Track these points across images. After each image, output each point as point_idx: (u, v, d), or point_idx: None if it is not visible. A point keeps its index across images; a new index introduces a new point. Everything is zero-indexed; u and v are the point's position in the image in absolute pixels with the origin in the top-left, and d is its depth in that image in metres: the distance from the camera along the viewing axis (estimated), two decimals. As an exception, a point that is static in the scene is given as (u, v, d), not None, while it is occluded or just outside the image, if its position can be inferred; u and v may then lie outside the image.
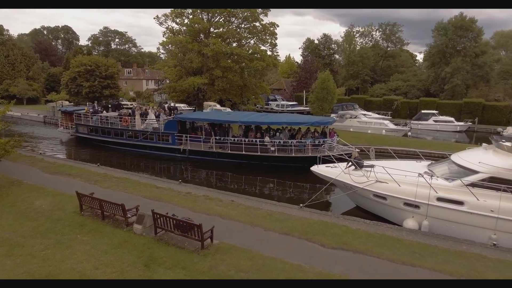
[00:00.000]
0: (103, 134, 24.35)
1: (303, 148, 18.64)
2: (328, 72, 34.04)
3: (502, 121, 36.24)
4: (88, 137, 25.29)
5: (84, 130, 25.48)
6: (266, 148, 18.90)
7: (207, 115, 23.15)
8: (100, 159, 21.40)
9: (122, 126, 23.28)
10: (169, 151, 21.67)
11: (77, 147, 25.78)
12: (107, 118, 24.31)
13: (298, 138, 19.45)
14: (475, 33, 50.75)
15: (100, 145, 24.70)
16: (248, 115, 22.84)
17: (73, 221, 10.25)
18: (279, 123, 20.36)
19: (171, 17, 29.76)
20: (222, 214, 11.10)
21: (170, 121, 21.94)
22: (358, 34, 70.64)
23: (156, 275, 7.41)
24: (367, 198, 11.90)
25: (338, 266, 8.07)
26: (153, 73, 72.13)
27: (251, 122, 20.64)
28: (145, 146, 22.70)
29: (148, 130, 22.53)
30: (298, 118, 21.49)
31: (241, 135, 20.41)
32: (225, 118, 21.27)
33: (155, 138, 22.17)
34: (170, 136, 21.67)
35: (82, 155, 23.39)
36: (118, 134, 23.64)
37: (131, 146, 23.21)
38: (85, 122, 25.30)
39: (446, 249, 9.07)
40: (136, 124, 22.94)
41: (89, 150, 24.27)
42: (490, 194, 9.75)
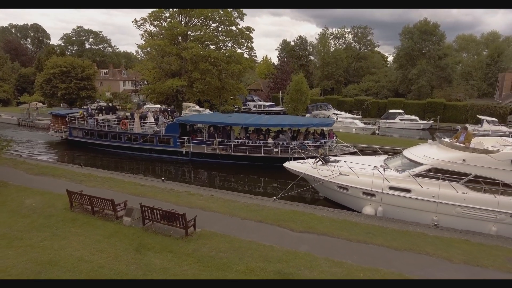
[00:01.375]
0: (99, 138, 24.13)
1: (305, 148, 18.91)
2: (302, 75, 35.86)
3: (461, 119, 39.44)
4: (83, 141, 24.96)
5: (78, 133, 25.11)
6: (269, 149, 19.61)
7: (210, 118, 23.37)
8: (96, 162, 21.69)
9: (121, 129, 23.20)
10: (170, 153, 21.89)
11: (70, 151, 25.31)
12: (103, 121, 24.11)
13: (300, 139, 20.31)
14: (438, 37, 54.48)
15: (97, 148, 24.42)
16: (249, 117, 23.12)
17: (65, 217, 11.08)
18: (282, 125, 21.02)
19: (149, 20, 30.40)
20: (203, 207, 12.28)
21: (172, 124, 22.20)
22: (332, 36, 73.37)
23: (147, 257, 8.52)
24: (332, 189, 13.49)
25: (304, 245, 9.49)
26: (130, 74, 71.55)
27: (254, 125, 21.13)
28: (145, 149, 22.73)
29: (148, 133, 22.59)
30: (300, 120, 22.28)
31: (243, 137, 21.00)
32: (228, 120, 21.76)
33: (156, 140, 22.29)
34: (171, 139, 21.83)
35: (76, 159, 23.19)
36: (116, 137, 23.50)
37: (130, 149, 23.16)
38: (80, 126, 24.95)
39: (395, 230, 10.74)
40: (135, 127, 22.90)
41: (83, 154, 24.09)
42: (431, 183, 11.55)
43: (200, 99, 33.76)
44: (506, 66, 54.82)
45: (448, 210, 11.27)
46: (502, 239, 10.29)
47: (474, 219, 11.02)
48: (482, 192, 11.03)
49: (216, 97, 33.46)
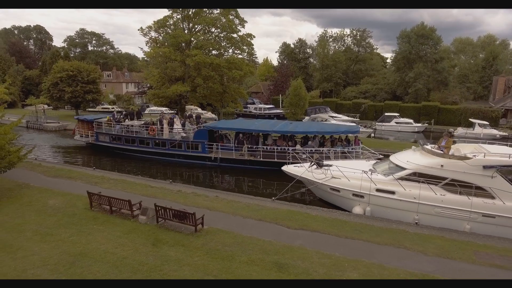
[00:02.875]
0: (127, 143, 24.70)
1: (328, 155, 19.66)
2: (300, 81, 37.22)
3: (455, 122, 40.77)
4: (110, 146, 25.49)
5: (105, 138, 25.63)
6: (299, 155, 19.73)
7: (237, 125, 23.75)
8: (123, 167, 22.71)
9: (148, 134, 23.79)
10: (198, 159, 22.53)
11: (96, 155, 25.84)
12: (130, 127, 24.70)
13: (327, 145, 20.93)
14: (434, 41, 55.79)
15: (123, 153, 25.03)
16: (275, 124, 23.58)
17: (86, 216, 12.47)
18: (310, 132, 21.57)
19: (154, 28, 31.75)
20: (209, 206, 13.65)
21: (200, 130, 22.78)
22: (331, 39, 74.74)
23: (163, 250, 9.90)
24: (325, 191, 14.86)
25: (298, 240, 10.86)
26: (133, 76, 72.99)
27: (283, 132, 21.62)
28: (173, 155, 23.30)
29: (176, 139, 23.18)
30: (327, 128, 22.94)
31: (272, 143, 21.74)
32: (256, 127, 22.20)
33: (184, 146, 22.91)
34: (200, 145, 22.50)
35: (104, 163, 23.78)
36: (143, 142, 24.07)
37: (158, 154, 23.71)
38: (107, 131, 25.55)
39: (380, 227, 12.11)
40: (164, 133, 23.56)
41: (110, 159, 24.76)
42: (413, 185, 12.90)
43: (203, 103, 35.14)
44: (501, 70, 56.10)
45: (427, 210, 12.62)
46: (474, 236, 11.65)
47: (450, 218, 12.37)
48: (457, 194, 12.38)
49: (218, 101, 34.80)
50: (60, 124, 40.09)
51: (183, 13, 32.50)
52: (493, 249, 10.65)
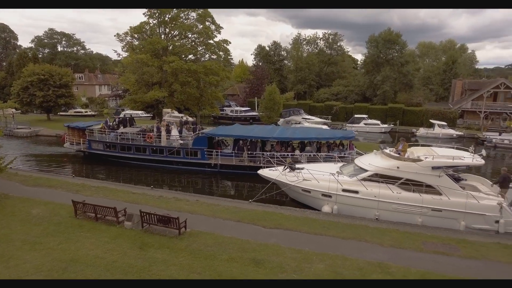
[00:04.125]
0: (122, 151, 24.52)
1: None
2: (275, 85, 38.70)
3: (418, 123, 43.85)
4: (105, 154, 25.21)
5: (99, 146, 25.31)
6: (298, 160, 20.46)
7: (237, 131, 23.95)
8: (119, 174, 22.75)
9: (145, 142, 23.74)
10: (198, 165, 22.75)
11: (89, 164, 25.44)
12: (125, 134, 24.57)
13: (324, 150, 21.96)
14: (400, 45, 59.22)
15: (118, 161, 24.86)
16: (274, 130, 24.05)
17: (72, 224, 13.05)
18: (308, 139, 22.47)
19: (130, 34, 31.96)
20: (190, 210, 14.61)
21: (200, 137, 23.13)
22: (305, 41, 77.07)
23: (150, 253, 10.79)
24: (298, 192, 16.25)
25: (273, 238, 12.10)
26: (106, 78, 71.62)
27: (282, 138, 22.28)
28: (171, 162, 23.40)
29: (175, 146, 23.26)
30: (325, 134, 23.91)
31: (270, 149, 22.51)
32: (255, 134, 22.76)
33: (183, 153, 23.08)
34: (199, 151, 22.76)
35: (98, 172, 23.66)
36: (140, 150, 23.98)
37: (155, 161, 23.73)
38: (100, 138, 25.20)
39: (345, 223, 13.61)
40: (162, 140, 23.59)
41: (106, 167, 24.55)
42: (374, 185, 14.54)
43: (180, 107, 35.76)
44: (459, 73, 60.55)
45: (386, 206, 14.29)
46: (424, 228, 13.42)
47: (405, 213, 14.10)
48: (411, 191, 14.14)
49: (195, 105, 35.53)
50: (31, 129, 39.07)
51: (159, 18, 32.97)
52: (438, 238, 12.42)
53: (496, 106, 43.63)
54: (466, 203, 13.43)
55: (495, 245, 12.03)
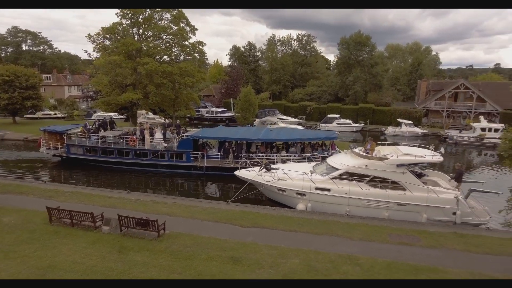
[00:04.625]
0: (103, 155, 23.96)
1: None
2: (250, 87, 39.26)
3: (387, 121, 46.02)
4: (85, 158, 24.55)
5: (78, 150, 24.67)
6: (283, 161, 21.22)
7: (222, 134, 24.06)
8: (100, 179, 22.22)
9: (128, 145, 23.30)
10: (183, 168, 22.60)
11: (68, 169, 24.69)
12: (106, 138, 23.95)
13: (308, 151, 22.44)
14: (370, 47, 61.72)
15: (100, 165, 24.23)
16: (259, 132, 24.44)
17: (47, 230, 12.88)
18: (293, 139, 23.02)
19: (102, 34, 31.25)
20: (168, 212, 14.81)
21: (185, 139, 23.01)
22: (279, 42, 78.26)
23: (129, 256, 10.95)
24: (273, 191, 16.86)
25: (250, 237, 12.60)
26: (76, 78, 69.10)
27: (267, 140, 22.71)
28: (155, 165, 23.12)
29: (158, 149, 22.97)
30: (308, 134, 24.47)
31: (255, 150, 22.76)
32: (241, 136, 23.00)
33: (168, 156, 22.86)
34: (184, 154, 22.66)
35: (77, 177, 23.00)
36: (123, 153, 23.54)
37: (139, 165, 23.35)
38: (80, 142, 24.49)
39: (319, 220, 14.37)
40: (146, 143, 23.30)
41: (86, 171, 23.85)
42: (345, 183, 15.41)
43: (155, 109, 35.41)
44: (424, 74, 63.99)
45: (356, 202, 15.21)
46: (390, 221, 14.45)
47: (373, 208, 15.08)
48: (378, 188, 15.15)
49: (171, 106, 35.33)
50: (-4, 134, 37.17)
51: (132, 19, 32.47)
52: (403, 230, 13.47)
53: (457, 105, 46.69)
54: (427, 197, 14.60)
55: (452, 235, 13.22)
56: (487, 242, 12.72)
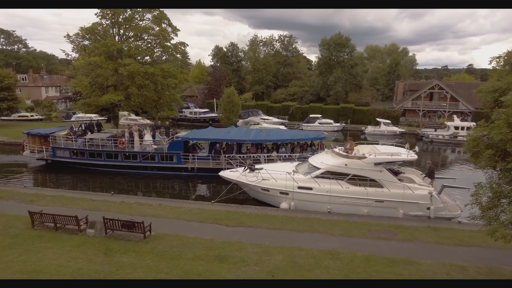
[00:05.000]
0: (91, 157, 23.64)
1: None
2: (233, 88, 39.55)
3: (366, 121, 47.42)
4: (71, 161, 24.18)
5: (65, 153, 24.18)
6: (273, 161, 21.19)
7: (213, 135, 24.22)
8: (88, 182, 21.94)
9: (117, 148, 23.08)
10: (174, 170, 22.46)
11: (55, 173, 24.15)
12: (94, 140, 23.69)
13: (297, 151, 22.76)
14: (350, 48, 63.26)
15: (88, 168, 23.91)
16: (249, 133, 24.74)
17: (30, 235, 12.74)
18: (283, 140, 23.39)
19: (81, 35, 30.67)
20: (154, 214, 14.92)
21: (175, 141, 22.90)
22: (261, 43, 78.81)
23: (116, 258, 11.05)
24: (257, 191, 17.27)
25: (235, 236, 12.94)
26: (53, 79, 67.09)
27: (258, 141, 23.05)
28: (145, 167, 23.07)
29: (150, 151, 22.83)
30: (298, 135, 24.79)
31: (246, 152, 23.02)
32: (232, 137, 23.23)
33: (158, 158, 22.78)
34: (175, 156, 22.65)
35: (64, 181, 22.56)
36: (112, 156, 23.29)
37: (128, 167, 23.20)
38: (67, 145, 24.06)
39: (301, 218, 14.88)
40: (135, 145, 23.10)
41: (72, 175, 23.41)
42: (326, 181, 16.00)
43: (138, 110, 35.09)
44: (401, 74, 66.21)
45: (337, 200, 15.84)
46: (369, 217, 15.15)
47: (353, 205, 15.75)
48: (358, 186, 15.83)
49: (153, 107, 35.11)
50: (-32, 137, 35.68)
51: (112, 19, 32.05)
52: (381, 226, 14.18)
53: (432, 105, 48.70)
54: (403, 193, 15.41)
55: (426, 229, 14.05)
56: (458, 234, 13.60)
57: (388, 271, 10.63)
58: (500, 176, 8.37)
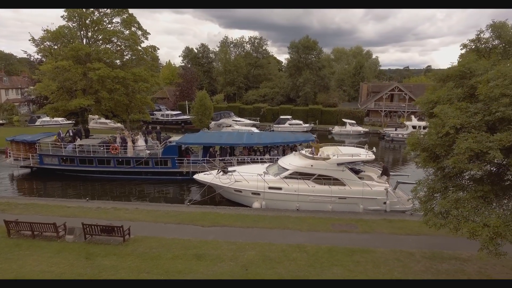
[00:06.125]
0: (82, 164, 23.33)
1: None
2: (205, 92, 40.24)
3: (334, 121, 49.85)
4: (60, 168, 23.80)
5: (53, 160, 23.75)
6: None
7: (206, 139, 24.62)
8: (78, 189, 21.81)
9: (110, 153, 22.95)
10: (168, 174, 22.49)
11: (39, 180, 23.85)
12: (85, 146, 23.43)
13: (288, 153, 23.00)
14: (317, 51, 65.83)
15: (78, 175, 23.59)
16: (240, 136, 25.42)
17: (7, 244, 12.90)
18: (276, 143, 24.17)
19: (47, 38, 29.86)
20: (131, 218, 15.49)
21: (170, 146, 23.10)
22: (232, 44, 79.62)
23: (97, 261, 11.62)
24: (231, 192, 18.30)
25: (211, 235, 13.89)
26: (14, 80, 63.76)
27: (251, 144, 23.78)
28: (139, 172, 23.09)
29: (142, 156, 22.90)
30: (289, 138, 25.47)
31: (239, 155, 23.52)
32: (226, 141, 23.81)
33: (152, 163, 22.86)
34: (169, 160, 22.83)
35: (53, 189, 22.28)
36: (104, 162, 23.15)
37: (121, 173, 23.13)
38: (55, 152, 23.60)
39: (272, 216, 16.10)
40: (129, 151, 23.04)
41: (61, 182, 23.08)
42: (294, 181, 17.35)
43: (108, 114, 34.74)
44: (365, 76, 69.89)
45: (304, 198, 17.24)
46: (333, 213, 16.69)
47: (319, 202, 17.23)
48: (323, 185, 17.33)
49: (124, 111, 34.89)
50: None
51: (79, 21, 31.47)
52: (343, 220, 15.73)
53: (393, 105, 52.19)
54: (363, 190, 17.10)
55: (382, 221, 15.78)
56: (409, 225, 15.43)
57: (348, 259, 12.09)
58: (434, 174, 10.02)
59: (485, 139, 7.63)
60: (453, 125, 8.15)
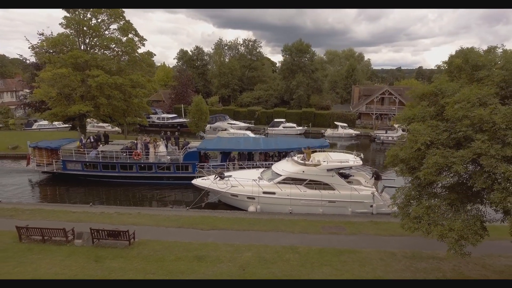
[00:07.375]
0: (105, 169, 24.12)
1: None
2: (201, 97, 41.26)
3: (326, 124, 51.16)
4: (83, 174, 24.58)
5: (77, 166, 24.49)
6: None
7: (225, 145, 25.56)
8: (101, 194, 22.83)
9: (132, 159, 23.81)
10: (190, 179, 22.72)
11: (62, 185, 24.45)
12: (108, 152, 24.17)
13: None
14: (310, 54, 67.13)
15: (101, 180, 24.33)
16: (257, 141, 26.36)
17: (19, 248, 13.82)
18: (292, 149, 24.67)
19: (45, 46, 30.55)
20: (134, 222, 16.48)
21: (191, 151, 24.08)
22: (226, 47, 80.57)
23: (106, 264, 12.63)
24: (228, 197, 19.40)
25: (210, 238, 14.97)
26: (8, 83, 63.86)
27: (269, 150, 24.81)
28: (161, 177, 23.99)
29: (164, 162, 23.81)
30: (303, 143, 25.65)
31: (257, 160, 24.79)
32: (245, 147, 24.85)
33: (173, 168, 23.80)
34: (190, 165, 23.80)
35: (76, 194, 23.02)
36: (126, 167, 23.99)
37: (143, 178, 24.00)
38: (78, 158, 24.37)
39: (267, 219, 17.23)
40: (150, 157, 23.95)
41: (84, 188, 23.84)
42: (287, 186, 18.51)
43: (106, 119, 35.51)
44: (358, 79, 71.42)
45: (297, 202, 18.41)
46: (323, 216, 17.88)
47: (310, 206, 18.41)
48: (314, 189, 18.51)
49: (122, 117, 35.69)
50: None
51: (78, 27, 32.18)
52: (333, 223, 16.93)
53: (383, 108, 53.74)
54: (351, 194, 18.33)
55: (369, 223, 17.02)
56: (393, 227, 16.59)
57: (336, 259, 13.27)
58: (411, 183, 11.25)
59: (450, 155, 8.85)
60: (424, 142, 9.36)
